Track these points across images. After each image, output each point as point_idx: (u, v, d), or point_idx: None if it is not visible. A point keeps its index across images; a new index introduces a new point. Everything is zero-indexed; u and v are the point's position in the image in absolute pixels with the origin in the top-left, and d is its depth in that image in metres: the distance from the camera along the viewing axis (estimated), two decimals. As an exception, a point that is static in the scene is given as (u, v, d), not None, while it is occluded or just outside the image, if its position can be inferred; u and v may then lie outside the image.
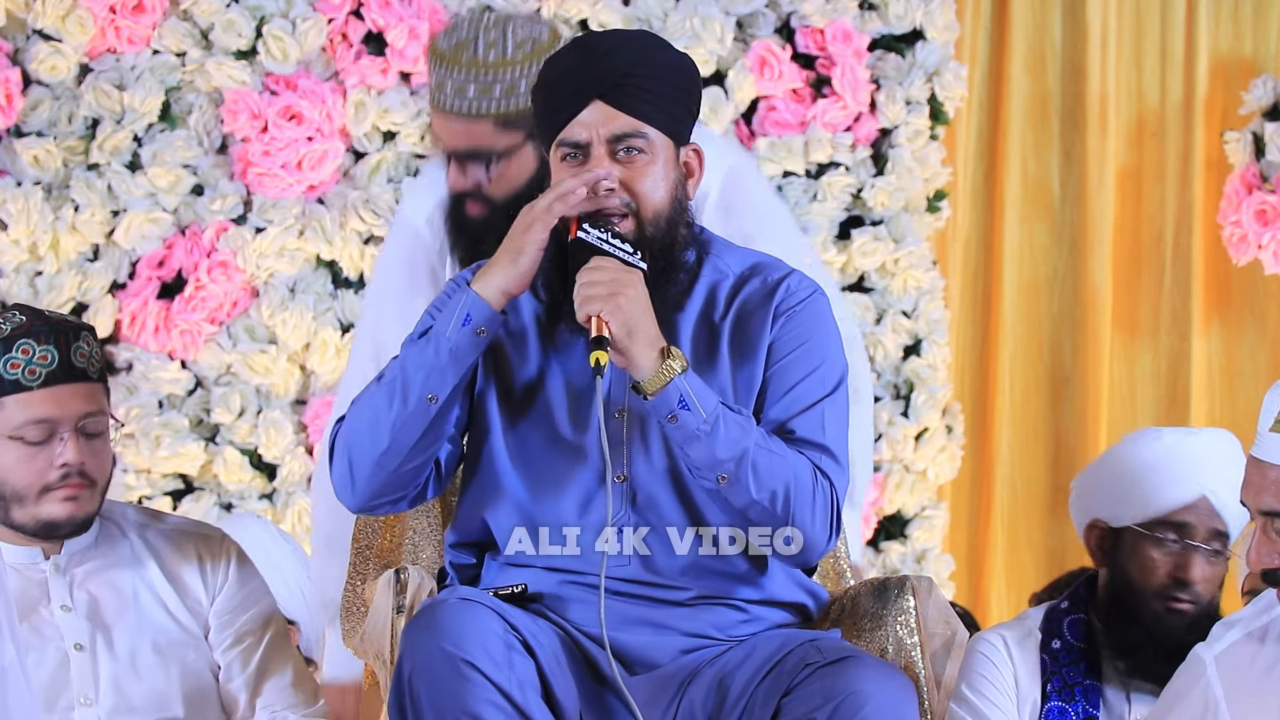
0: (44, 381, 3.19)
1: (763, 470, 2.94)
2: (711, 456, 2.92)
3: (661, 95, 3.06)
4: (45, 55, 4.94)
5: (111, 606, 3.29)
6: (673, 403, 2.91)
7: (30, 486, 3.22)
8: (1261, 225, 5.54)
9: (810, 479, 2.98)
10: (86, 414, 3.23)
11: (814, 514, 2.98)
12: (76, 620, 3.27)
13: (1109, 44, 5.71)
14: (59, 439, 3.21)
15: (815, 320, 3.11)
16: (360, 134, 5.10)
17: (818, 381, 3.06)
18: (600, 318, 2.90)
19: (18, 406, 3.19)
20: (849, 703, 2.82)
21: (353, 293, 5.09)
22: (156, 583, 3.33)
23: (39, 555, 3.29)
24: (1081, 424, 5.64)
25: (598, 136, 3.02)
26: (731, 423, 2.92)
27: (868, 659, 2.91)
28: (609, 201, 3.02)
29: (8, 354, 3.19)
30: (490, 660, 2.81)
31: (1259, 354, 5.72)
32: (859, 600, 3.18)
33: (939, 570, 5.39)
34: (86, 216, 4.95)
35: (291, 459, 5.02)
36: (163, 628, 3.31)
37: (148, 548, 3.35)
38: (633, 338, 2.91)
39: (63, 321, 3.25)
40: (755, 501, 2.94)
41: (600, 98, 3.03)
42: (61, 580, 3.28)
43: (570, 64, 3.08)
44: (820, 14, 5.34)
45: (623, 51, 3.07)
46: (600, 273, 2.93)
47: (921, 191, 5.44)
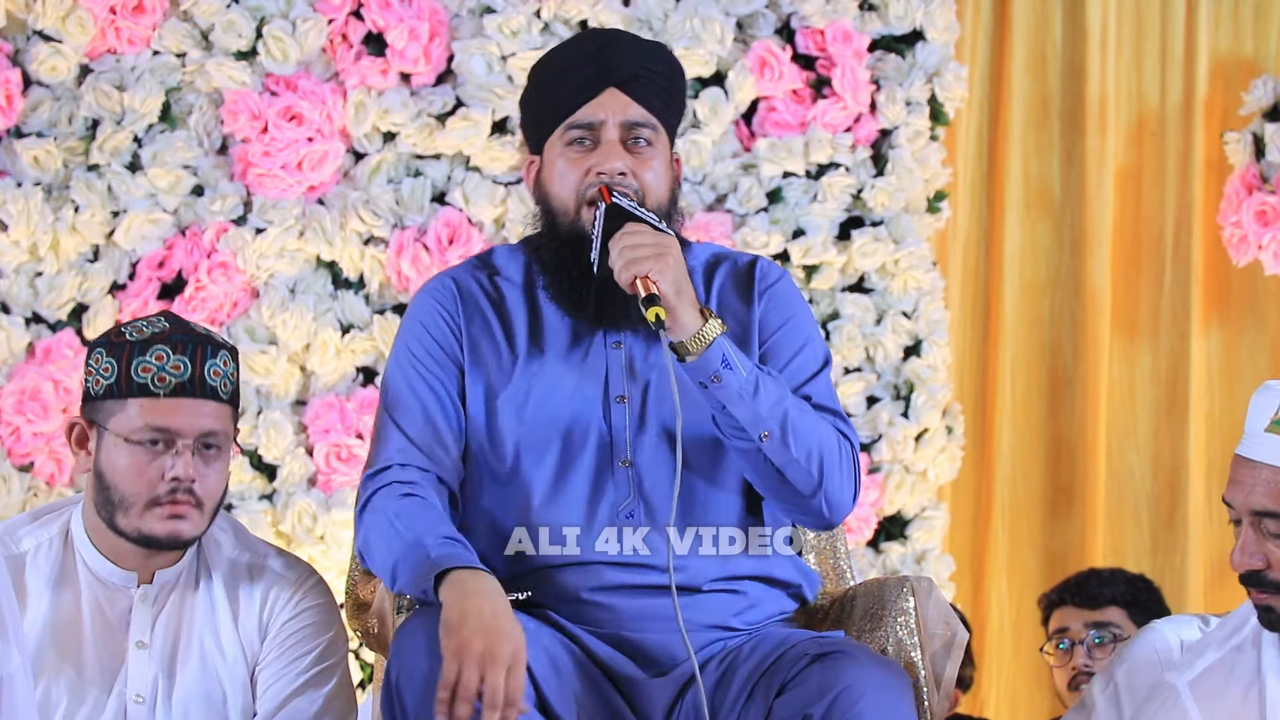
0: (172, 391, 3.14)
1: (801, 429, 2.98)
2: (756, 415, 2.94)
3: (668, 94, 3.15)
4: (45, 56, 4.94)
5: (180, 655, 3.23)
6: (715, 363, 2.93)
7: (138, 495, 3.15)
8: (1261, 226, 5.53)
9: (836, 440, 3.04)
10: (208, 432, 3.17)
11: (842, 473, 3.04)
12: (147, 664, 3.21)
13: (1109, 44, 5.71)
14: (174, 452, 3.15)
15: (793, 297, 3.20)
16: (360, 135, 5.10)
17: (812, 353, 3.13)
18: (648, 278, 2.90)
19: (140, 411, 3.15)
20: (844, 696, 2.83)
21: (353, 293, 5.09)
22: (223, 628, 3.26)
23: (133, 580, 3.23)
24: (1082, 424, 5.64)
25: (613, 120, 3.08)
26: (770, 384, 2.97)
27: (863, 653, 2.92)
28: (622, 187, 3.05)
29: (141, 358, 3.15)
30: None
31: (1259, 354, 5.72)
32: (859, 600, 3.19)
33: (939, 571, 5.39)
34: (87, 217, 4.95)
35: (291, 460, 5.01)
36: (216, 681, 3.24)
37: (227, 587, 3.28)
38: (680, 296, 2.93)
39: (204, 336, 3.20)
40: (794, 460, 2.97)
41: (618, 85, 3.08)
42: (147, 613, 3.23)
43: (587, 53, 3.14)
44: (820, 15, 5.34)
45: (636, 47, 3.16)
46: (641, 236, 2.96)
47: (922, 192, 5.44)
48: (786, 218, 5.31)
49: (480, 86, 5.13)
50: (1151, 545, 5.67)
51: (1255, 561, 2.95)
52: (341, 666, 3.31)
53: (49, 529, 3.26)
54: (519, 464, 3.08)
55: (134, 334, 3.18)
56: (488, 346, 3.13)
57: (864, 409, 5.37)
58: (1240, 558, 2.95)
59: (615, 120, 3.08)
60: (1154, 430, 5.69)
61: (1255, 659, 3.01)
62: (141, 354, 3.15)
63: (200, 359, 3.16)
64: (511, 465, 3.08)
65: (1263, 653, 3.02)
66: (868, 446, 5.36)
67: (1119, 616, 4.56)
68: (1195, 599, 5.58)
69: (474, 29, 5.16)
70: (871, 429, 5.36)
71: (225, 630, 3.26)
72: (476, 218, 5.12)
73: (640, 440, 3.05)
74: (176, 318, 3.24)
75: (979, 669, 5.48)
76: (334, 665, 3.29)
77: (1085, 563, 5.36)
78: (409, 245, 5.08)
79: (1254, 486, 2.95)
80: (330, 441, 5.03)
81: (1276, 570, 2.93)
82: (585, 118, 3.08)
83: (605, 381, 3.06)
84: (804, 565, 3.21)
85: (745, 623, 3.08)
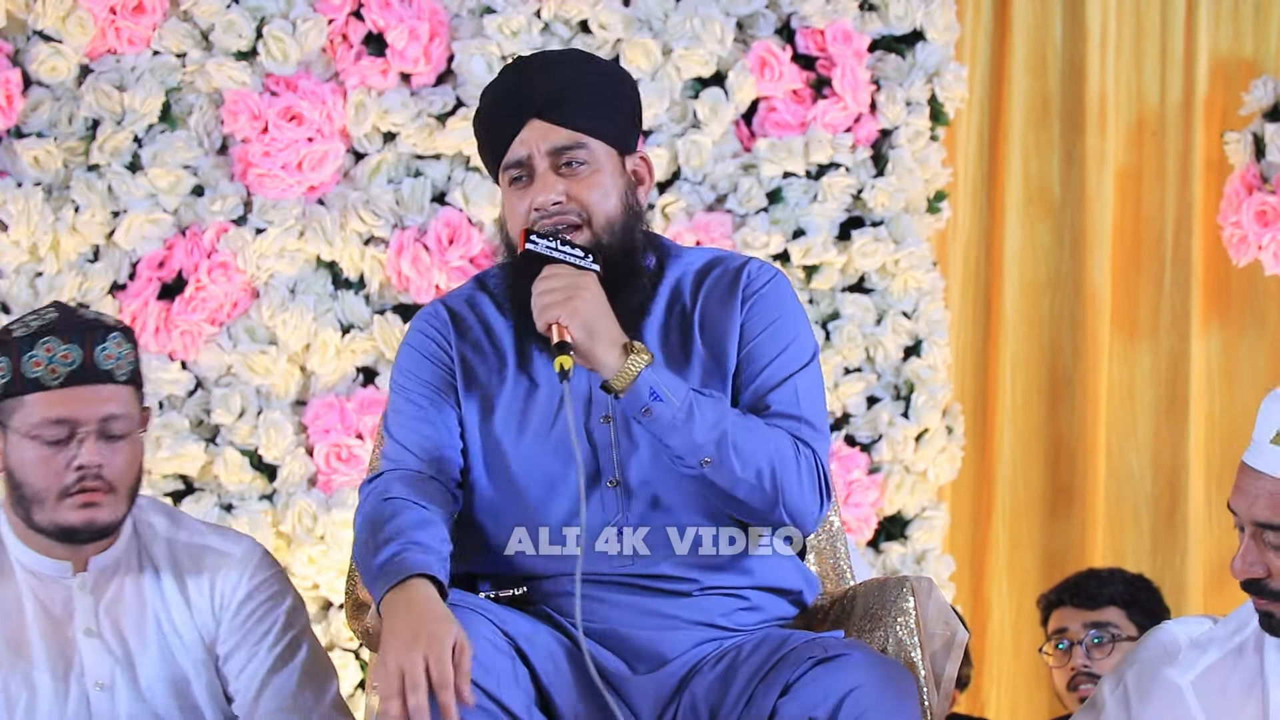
0: (64, 381, 3.13)
1: (744, 448, 2.96)
2: (691, 443, 2.94)
3: (598, 107, 3.10)
4: (45, 56, 4.94)
5: (134, 637, 3.23)
6: (644, 397, 2.93)
7: (48, 488, 3.16)
8: (1261, 226, 5.53)
9: (792, 449, 3.01)
10: (109, 416, 3.16)
11: (802, 483, 3.01)
12: (100, 651, 3.21)
13: (1109, 44, 5.71)
14: (78, 440, 3.15)
15: (781, 301, 3.16)
16: (360, 135, 5.10)
17: (790, 358, 3.11)
18: (559, 324, 2.92)
19: (36, 405, 3.14)
20: (851, 699, 2.83)
21: (353, 293, 5.09)
22: (175, 610, 3.26)
23: (68, 570, 3.22)
24: (1081, 425, 5.64)
25: (538, 152, 3.07)
26: (705, 407, 2.95)
27: (868, 654, 2.92)
28: (562, 217, 3.04)
29: (31, 352, 3.14)
30: (480, 667, 2.82)
31: (1259, 355, 5.72)
32: (859, 600, 3.19)
33: (939, 571, 5.39)
34: (87, 217, 4.95)
35: (292, 460, 5.01)
36: (176, 663, 3.25)
37: (171, 567, 3.28)
38: (594, 338, 2.93)
39: (92, 321, 3.19)
40: (742, 480, 2.96)
41: (537, 115, 3.08)
42: (87, 600, 3.22)
43: (505, 88, 3.14)
44: (820, 15, 5.34)
45: (554, 68, 3.13)
46: (554, 280, 2.96)
47: (922, 192, 5.44)
48: (786, 218, 5.31)
49: (480, 86, 5.11)
50: (1151, 546, 5.67)
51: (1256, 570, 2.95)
52: (307, 631, 3.32)
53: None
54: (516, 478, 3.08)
55: (21, 329, 3.18)
56: (480, 366, 3.15)
57: (864, 409, 5.37)
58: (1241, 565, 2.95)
59: (541, 151, 3.07)
60: (1154, 430, 5.69)
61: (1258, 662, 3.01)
62: (30, 348, 3.14)
63: (90, 344, 3.15)
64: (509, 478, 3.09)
65: (1265, 656, 3.02)
66: (868, 446, 5.36)
67: (1118, 617, 4.56)
68: (1195, 599, 5.58)
69: (474, 29, 5.16)
70: (871, 429, 5.36)
71: (178, 612, 3.26)
72: (476, 218, 5.12)
73: (629, 458, 3.05)
74: (65, 306, 3.23)
75: (979, 669, 5.49)
76: (300, 633, 3.30)
77: (1085, 563, 5.36)
78: (409, 245, 5.08)
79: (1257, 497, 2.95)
80: (330, 442, 5.03)
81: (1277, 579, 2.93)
82: (513, 156, 3.09)
83: (589, 401, 3.06)
84: (805, 569, 3.21)
85: (742, 624, 3.08)
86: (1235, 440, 5.74)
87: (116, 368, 3.18)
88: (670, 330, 3.12)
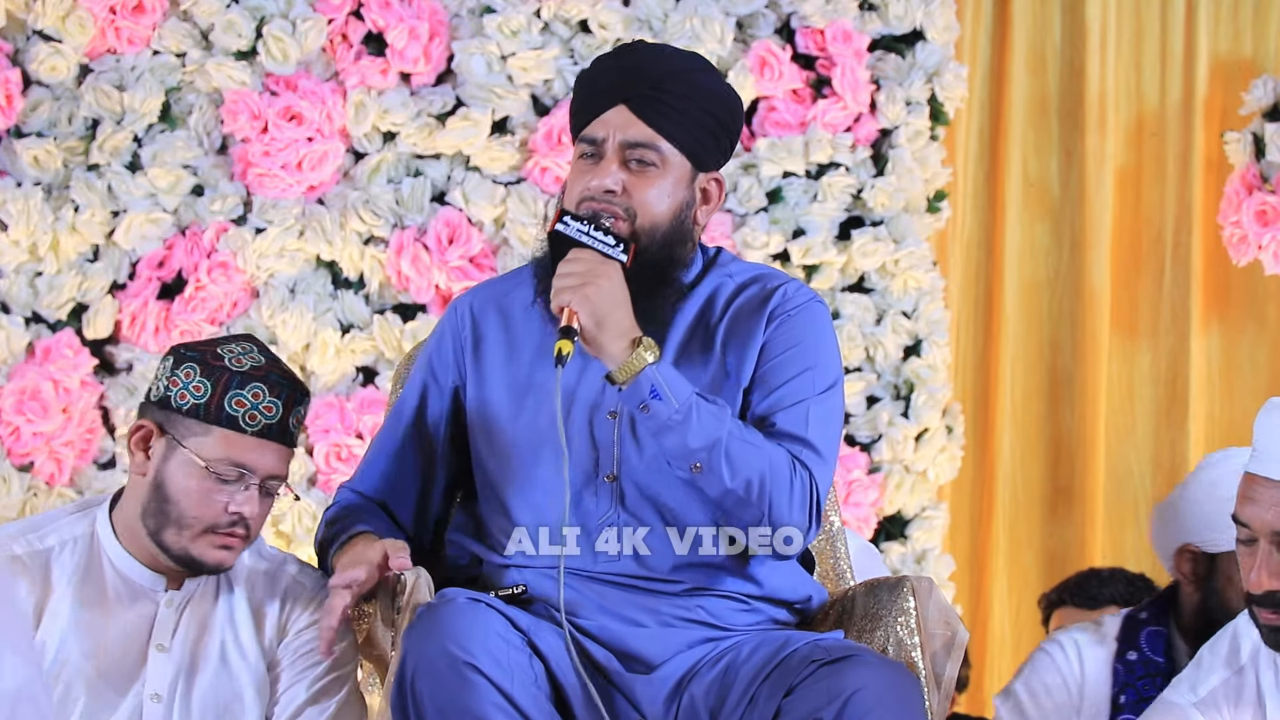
0: (258, 431, 3.15)
1: (737, 458, 2.95)
2: (684, 445, 2.93)
3: (687, 115, 3.08)
4: (45, 56, 4.93)
5: (199, 658, 3.23)
6: (644, 392, 2.93)
7: (199, 520, 3.15)
8: (1261, 226, 5.53)
9: (788, 468, 2.99)
10: (276, 475, 3.19)
11: (792, 502, 3.00)
12: (166, 666, 3.20)
13: (1109, 44, 5.71)
14: (244, 487, 3.15)
15: (810, 326, 3.14)
16: (360, 134, 5.10)
17: (807, 382, 3.08)
18: (570, 308, 2.92)
19: (223, 443, 3.14)
20: (855, 701, 2.82)
21: (353, 293, 5.09)
22: (243, 630, 3.26)
23: (161, 583, 3.22)
24: (1081, 424, 5.64)
25: (613, 139, 3.07)
26: (705, 412, 2.94)
27: (873, 657, 2.91)
28: (608, 206, 3.04)
29: (239, 391, 3.14)
30: (493, 661, 2.82)
31: (1258, 354, 5.72)
32: (859, 600, 3.19)
33: (939, 571, 5.39)
34: (86, 217, 4.95)
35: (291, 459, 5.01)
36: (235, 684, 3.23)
37: (247, 590, 3.28)
38: (601, 327, 2.93)
39: (296, 381, 3.21)
40: (730, 490, 2.95)
41: (625, 102, 3.07)
42: (171, 617, 3.21)
43: (606, 65, 3.14)
44: (820, 14, 5.33)
45: (659, 63, 3.11)
46: (575, 264, 2.96)
47: (922, 192, 5.44)
48: (786, 218, 5.31)
49: (480, 86, 5.13)
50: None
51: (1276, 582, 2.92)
52: (353, 675, 3.32)
53: (76, 527, 3.24)
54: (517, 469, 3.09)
55: (234, 362, 3.17)
56: (496, 357, 3.15)
57: (864, 409, 5.37)
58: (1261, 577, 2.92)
59: (616, 138, 3.07)
60: (1154, 430, 5.69)
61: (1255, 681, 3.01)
62: (240, 387, 3.15)
63: (290, 404, 3.18)
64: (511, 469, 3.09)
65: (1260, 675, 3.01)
66: (868, 446, 5.36)
67: (1119, 616, 4.56)
68: (1195, 599, 5.58)
69: (474, 29, 5.16)
70: (871, 429, 5.36)
71: (245, 635, 3.25)
72: (476, 218, 5.12)
73: (630, 456, 3.05)
74: (268, 351, 3.24)
75: (979, 669, 5.49)
76: (345, 674, 3.29)
77: (1085, 563, 5.36)
78: (409, 245, 5.08)
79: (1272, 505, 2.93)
80: (330, 441, 5.03)
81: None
82: (590, 133, 3.09)
83: (600, 393, 3.06)
84: (809, 580, 3.20)
85: (739, 624, 3.07)
86: (1235, 440, 5.74)
87: (298, 431, 3.22)
88: (694, 335, 3.11)
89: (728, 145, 3.16)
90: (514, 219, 5.12)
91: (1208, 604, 3.55)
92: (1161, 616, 3.63)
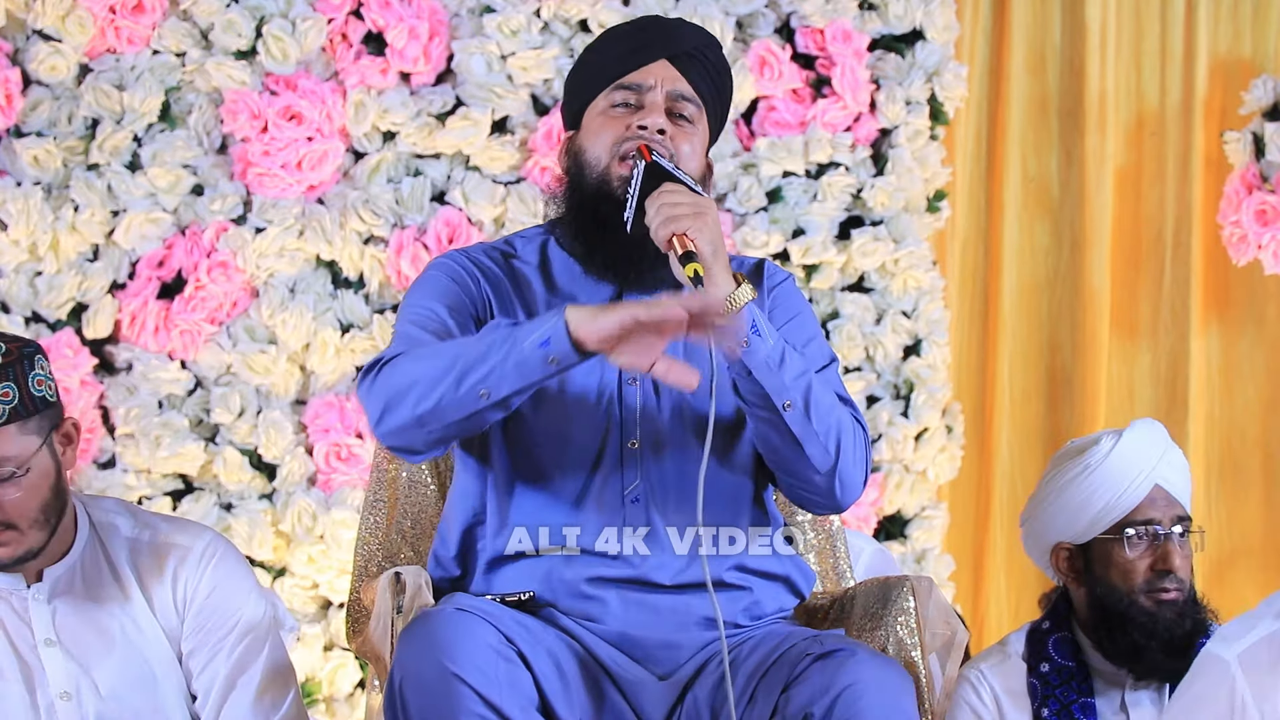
0: None
1: (822, 405, 2.98)
2: (780, 384, 2.94)
3: (716, 83, 3.17)
4: (45, 55, 4.93)
5: (95, 644, 3.20)
6: (745, 328, 2.92)
7: None
8: (1261, 225, 5.54)
9: (852, 423, 3.04)
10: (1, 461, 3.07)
11: (856, 455, 3.04)
12: (61, 660, 3.18)
13: (1109, 44, 5.71)
14: None
15: (798, 298, 3.22)
16: (360, 134, 5.10)
17: (818, 349, 3.15)
18: (686, 236, 2.89)
19: None
20: (847, 695, 2.83)
21: (352, 293, 5.09)
22: (138, 612, 3.23)
23: (21, 582, 3.19)
24: (1081, 424, 5.64)
25: (662, 88, 3.11)
26: (794, 355, 2.98)
27: (865, 652, 2.91)
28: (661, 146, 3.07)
29: None
30: (480, 673, 2.81)
31: (1258, 354, 5.72)
32: (859, 600, 3.19)
33: (939, 570, 5.39)
34: (86, 217, 4.95)
35: (291, 459, 5.02)
36: (144, 663, 3.22)
37: (133, 568, 3.24)
38: (717, 257, 2.92)
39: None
40: (815, 433, 2.97)
41: (670, 58, 3.12)
42: (44, 610, 3.19)
43: (643, 24, 3.20)
44: (820, 14, 5.34)
45: (694, 31, 3.19)
46: (680, 195, 2.95)
47: (921, 191, 5.44)
48: (786, 217, 5.31)
49: (480, 86, 5.13)
50: (1151, 545, 5.67)
51: None
52: (269, 628, 3.27)
53: None
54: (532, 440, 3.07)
55: None
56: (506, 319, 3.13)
57: (864, 409, 5.37)
58: None
59: (664, 88, 3.12)
60: (1153, 430, 5.69)
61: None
62: None
63: None
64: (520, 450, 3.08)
65: None
66: (867, 446, 5.36)
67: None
68: (1195, 598, 5.57)
69: (474, 28, 5.16)
70: (871, 429, 5.36)
71: (140, 611, 3.23)
72: (476, 217, 5.12)
73: (651, 422, 3.05)
74: None
75: (978, 668, 5.48)
76: (262, 632, 3.26)
77: (1085, 562, 5.36)
78: (409, 245, 5.08)
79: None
80: (330, 441, 5.03)
81: None
82: (635, 80, 3.12)
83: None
84: (801, 562, 3.21)
85: (747, 618, 3.08)
86: (1235, 439, 5.75)
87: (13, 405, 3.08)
88: None
89: (719, 129, 3.23)
90: (514, 219, 5.12)
91: (1095, 594, 3.62)
92: (1063, 622, 3.69)
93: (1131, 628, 3.58)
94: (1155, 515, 3.62)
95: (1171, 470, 3.65)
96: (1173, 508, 3.63)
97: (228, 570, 3.29)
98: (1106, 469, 3.63)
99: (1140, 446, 3.66)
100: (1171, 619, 3.59)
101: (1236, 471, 5.74)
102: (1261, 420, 5.73)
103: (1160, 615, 3.59)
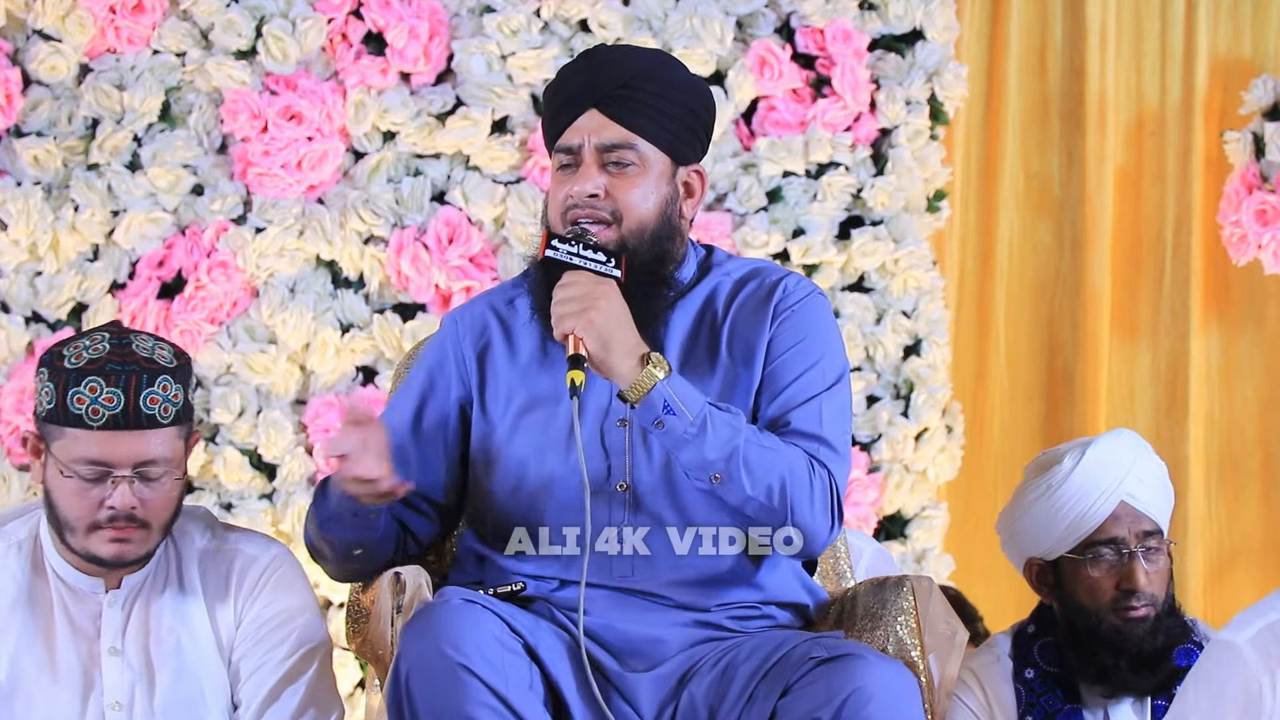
0: (106, 424, 3.07)
1: (755, 465, 2.94)
2: (701, 458, 2.93)
3: (661, 111, 3.08)
4: (45, 55, 4.93)
5: (156, 655, 3.19)
6: (657, 409, 2.92)
7: (80, 520, 3.10)
8: (1261, 225, 5.54)
9: (806, 469, 2.99)
10: (146, 461, 3.10)
11: (813, 504, 2.99)
12: (120, 670, 3.17)
13: (1109, 44, 5.71)
14: (111, 482, 3.08)
15: (813, 318, 3.13)
16: (360, 134, 5.10)
17: (816, 377, 3.08)
18: (575, 335, 2.91)
19: (75, 442, 3.08)
20: (853, 700, 2.82)
21: (352, 293, 5.09)
22: (197, 626, 3.22)
23: (100, 586, 3.19)
24: (1081, 424, 5.64)
25: (589, 144, 3.05)
26: (720, 423, 2.93)
27: (872, 655, 2.91)
28: (594, 211, 3.03)
29: (76, 388, 3.08)
30: (486, 663, 2.81)
31: (1257, 354, 5.72)
32: (859, 600, 3.19)
33: (939, 570, 5.39)
34: (86, 216, 4.95)
35: (291, 459, 5.02)
36: (195, 681, 3.21)
37: (201, 580, 3.23)
38: (609, 349, 2.91)
39: (142, 362, 3.11)
40: (751, 498, 2.95)
41: (596, 105, 3.06)
42: (117, 617, 3.19)
43: (574, 70, 3.12)
44: (820, 14, 5.34)
45: (626, 63, 3.10)
46: (571, 289, 2.94)
47: (921, 191, 5.44)
48: (786, 217, 5.31)
49: (480, 86, 5.13)
50: (1151, 545, 5.66)
51: None
52: (322, 647, 3.27)
53: (18, 532, 3.23)
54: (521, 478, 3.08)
55: (73, 359, 3.11)
56: (500, 366, 3.14)
57: (864, 409, 5.37)
58: None
59: (591, 143, 3.05)
60: (1154, 430, 5.69)
61: None
62: (76, 384, 3.08)
63: (135, 389, 3.08)
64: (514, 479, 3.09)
65: None
66: (868, 446, 5.36)
67: (1119, 617, 4.55)
68: (1195, 599, 5.58)
69: (474, 28, 5.16)
70: (871, 429, 5.36)
71: (200, 625, 3.22)
72: (476, 217, 5.12)
73: (642, 464, 3.05)
74: (120, 338, 3.15)
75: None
76: (314, 648, 3.25)
77: (1085, 562, 5.35)
78: (409, 244, 5.08)
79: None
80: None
81: None
82: (565, 142, 3.08)
83: (608, 405, 3.05)
84: (809, 581, 3.20)
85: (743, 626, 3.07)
86: (1235, 439, 5.74)
87: (161, 411, 3.11)
88: (698, 339, 3.11)
89: (704, 135, 3.15)
90: (514, 218, 5.12)
91: (1067, 610, 3.60)
92: (1048, 627, 3.67)
93: (1099, 645, 3.55)
94: (1119, 534, 3.55)
95: (1139, 484, 3.58)
96: (1139, 523, 3.56)
97: (290, 584, 3.28)
98: (1068, 489, 3.57)
99: (1105, 462, 3.58)
100: (1141, 635, 3.54)
101: (1236, 471, 5.74)
102: (1261, 420, 5.73)
103: (1129, 633, 3.54)
